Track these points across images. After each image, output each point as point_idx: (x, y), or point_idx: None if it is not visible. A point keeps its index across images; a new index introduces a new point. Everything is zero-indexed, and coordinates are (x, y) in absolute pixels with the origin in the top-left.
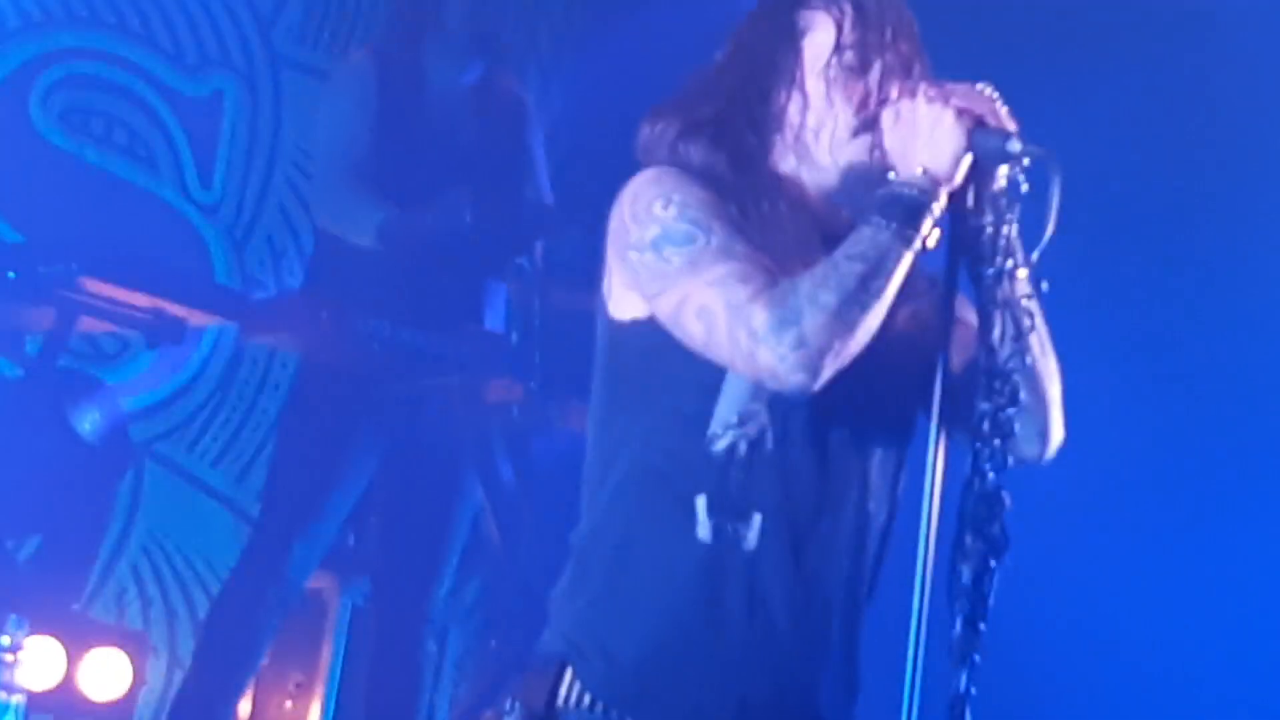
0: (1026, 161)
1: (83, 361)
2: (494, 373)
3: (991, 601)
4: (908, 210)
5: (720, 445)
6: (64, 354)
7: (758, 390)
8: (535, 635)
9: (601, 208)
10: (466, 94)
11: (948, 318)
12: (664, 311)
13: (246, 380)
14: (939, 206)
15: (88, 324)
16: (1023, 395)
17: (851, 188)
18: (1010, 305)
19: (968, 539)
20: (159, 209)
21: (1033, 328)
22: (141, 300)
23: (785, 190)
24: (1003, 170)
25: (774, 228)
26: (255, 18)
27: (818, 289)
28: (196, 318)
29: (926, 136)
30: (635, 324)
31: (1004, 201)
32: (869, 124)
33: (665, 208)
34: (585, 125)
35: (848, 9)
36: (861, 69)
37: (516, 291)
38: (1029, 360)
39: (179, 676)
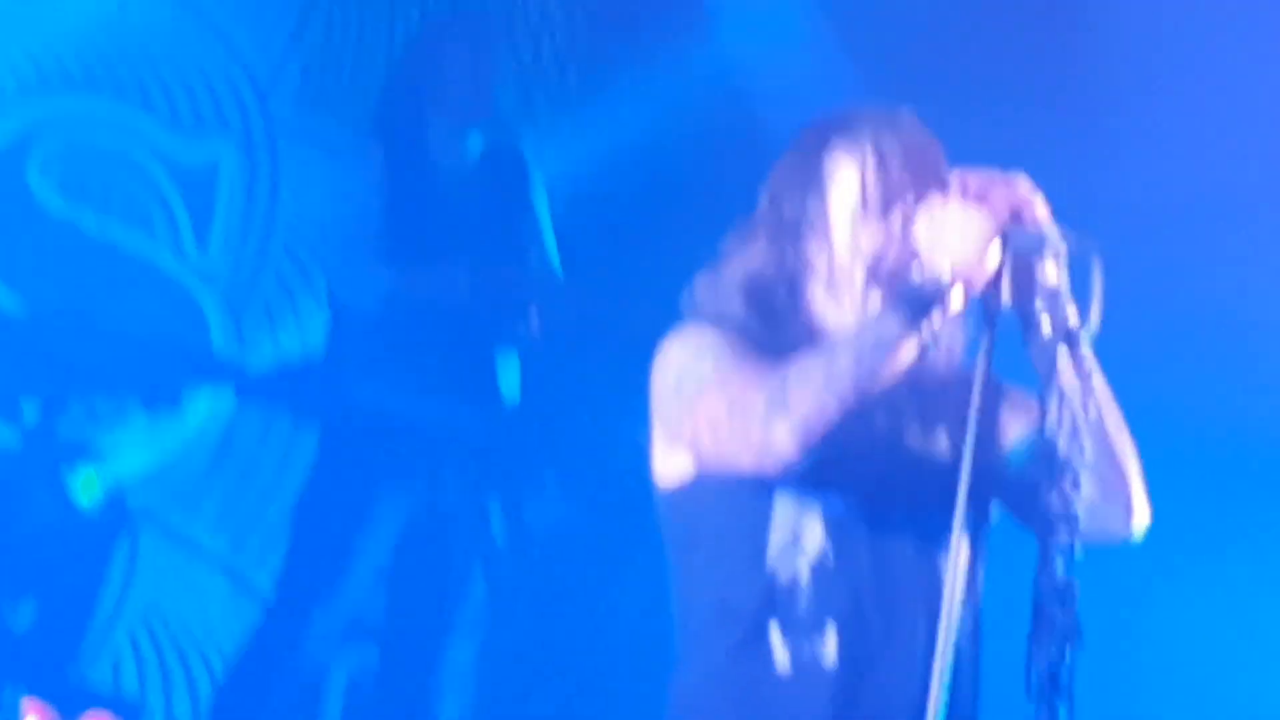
0: (1064, 252)
1: (80, 428)
2: (495, 441)
3: (1073, 691)
4: (917, 303)
5: (783, 573)
6: (61, 420)
7: (807, 511)
8: (529, 695)
9: (596, 271)
10: (471, 161)
11: (982, 405)
12: (686, 446)
13: (244, 446)
14: (956, 301)
15: (86, 391)
16: (1098, 479)
17: None
18: (1064, 395)
19: (1042, 632)
20: (156, 275)
21: (1088, 416)
22: (139, 366)
23: (818, 340)
24: (1049, 266)
25: None
26: (253, 84)
27: (808, 365)
28: (193, 384)
29: (956, 233)
30: (679, 481)
31: (1050, 294)
32: (884, 274)
33: (684, 350)
34: (581, 189)
35: (869, 148)
36: (887, 209)
37: (521, 360)
38: (1102, 442)
39: None
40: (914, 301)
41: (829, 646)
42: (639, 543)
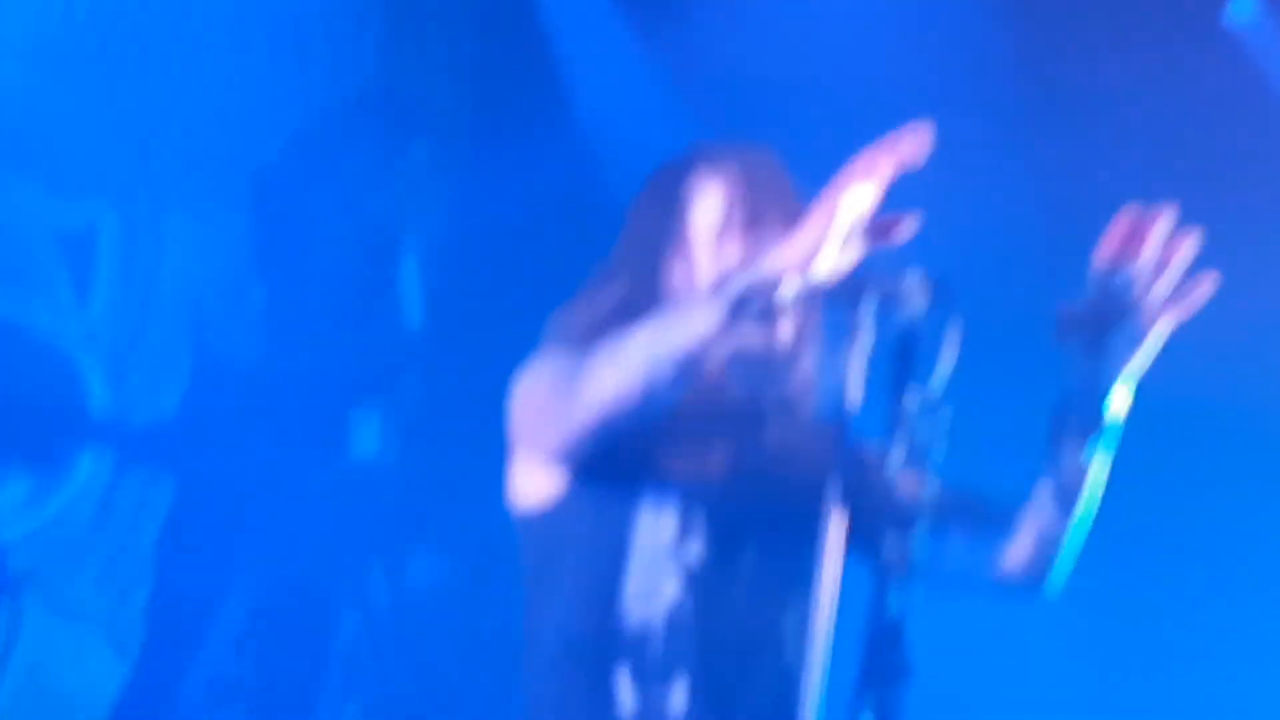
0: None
1: None
2: (373, 500)
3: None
4: (742, 297)
5: (635, 618)
6: None
7: (666, 561)
8: None
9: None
10: (341, 217)
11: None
12: (517, 440)
13: (126, 506)
14: (781, 296)
15: None
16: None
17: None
18: (912, 434)
19: (873, 666)
20: (34, 334)
21: (930, 456)
22: (17, 427)
23: None
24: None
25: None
26: (133, 144)
27: (611, 341)
28: (74, 444)
29: (796, 244)
30: (540, 508)
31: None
32: None
33: (531, 369)
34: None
35: (733, 171)
36: (751, 228)
37: (398, 420)
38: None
39: None
40: (735, 289)
41: (678, 696)
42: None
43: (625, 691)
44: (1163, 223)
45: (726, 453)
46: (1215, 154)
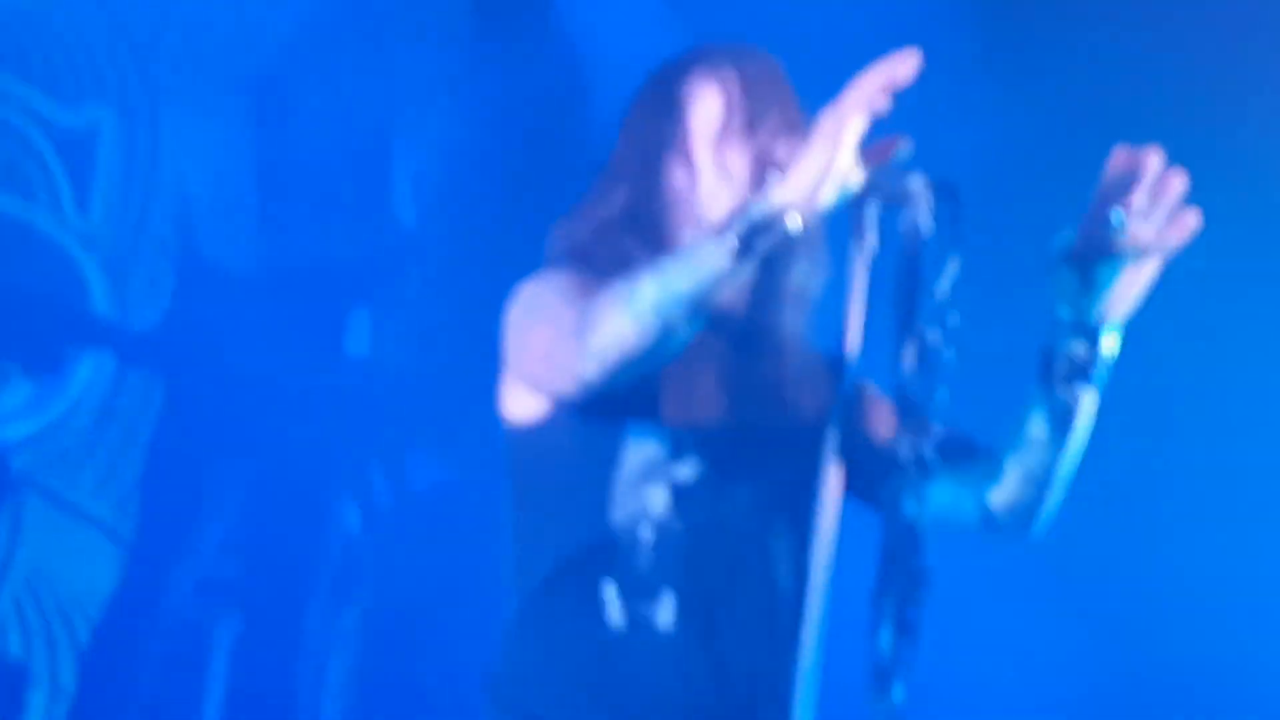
0: (924, 197)
1: None
2: (372, 402)
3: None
4: (752, 232)
5: (622, 534)
6: None
7: (653, 469)
8: (413, 662)
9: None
10: (338, 121)
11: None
12: (517, 374)
13: (127, 410)
14: (791, 228)
15: None
16: (1011, 472)
17: None
18: (922, 339)
19: (891, 574)
20: (35, 238)
21: (944, 358)
22: (19, 329)
23: None
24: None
25: None
26: (131, 48)
27: (619, 282)
28: (75, 347)
29: (808, 163)
30: (527, 422)
31: (909, 238)
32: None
33: (532, 289)
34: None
35: (731, 74)
36: (751, 131)
37: (402, 320)
38: (1053, 443)
39: (62, 707)
40: (752, 224)
41: (665, 611)
42: None
43: (613, 606)
44: (1155, 160)
45: (723, 374)
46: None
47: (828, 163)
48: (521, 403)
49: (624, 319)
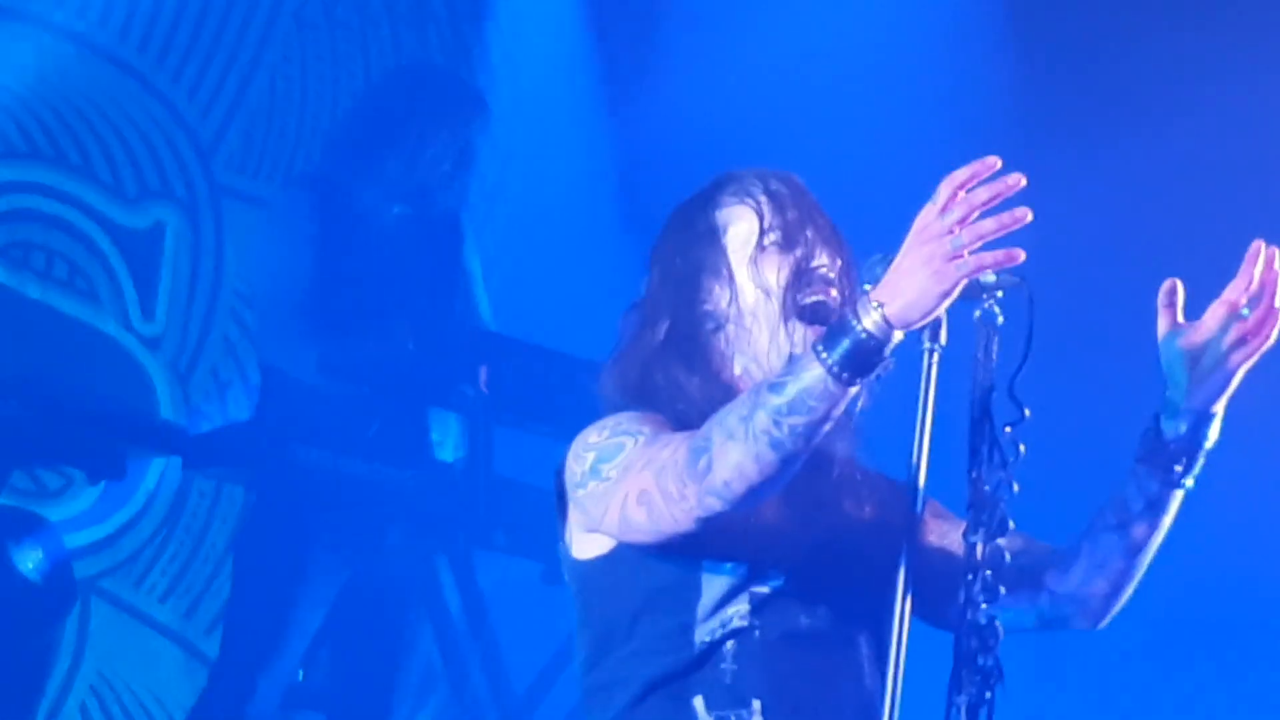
0: (1000, 294)
1: (25, 498)
2: (441, 502)
3: None
4: (856, 354)
5: (708, 647)
6: (6, 491)
7: (734, 590)
8: None
9: (552, 335)
10: (401, 217)
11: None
12: (613, 525)
13: (194, 513)
14: (889, 349)
15: (31, 461)
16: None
17: None
18: (995, 436)
19: (963, 673)
20: (102, 343)
21: (1017, 457)
22: (85, 435)
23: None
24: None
25: None
26: (195, 148)
27: (728, 416)
28: (140, 452)
29: (908, 278)
30: (600, 560)
31: (983, 333)
32: (805, 309)
33: (600, 434)
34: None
35: (762, 196)
36: (788, 245)
37: (463, 419)
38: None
39: None
40: (855, 350)
41: (756, 718)
42: None
43: (703, 714)
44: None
45: (791, 497)
46: None
47: (928, 269)
48: (592, 545)
49: (742, 452)
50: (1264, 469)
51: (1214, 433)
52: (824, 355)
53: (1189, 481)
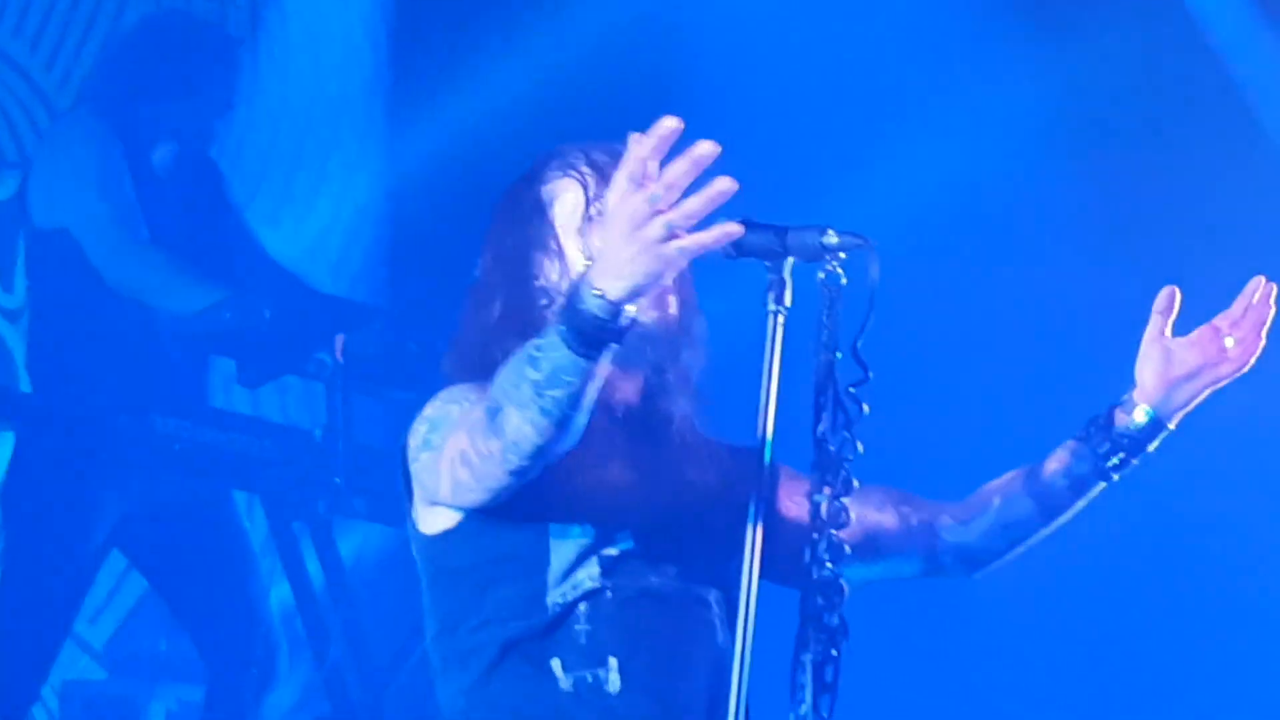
0: (843, 255)
1: None
2: (299, 471)
3: (838, 690)
4: (588, 333)
5: (562, 610)
6: None
7: (583, 553)
8: None
9: (410, 300)
10: (178, 157)
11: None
12: (447, 493)
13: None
14: (623, 320)
15: None
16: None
17: None
18: (839, 397)
19: (810, 631)
20: None
21: (861, 417)
22: None
23: None
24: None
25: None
26: (52, 118)
27: (504, 380)
28: None
29: (633, 260)
30: (447, 533)
31: (826, 295)
32: None
33: (433, 407)
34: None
35: (585, 167)
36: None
37: (321, 387)
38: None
39: None
40: (586, 328)
41: (613, 675)
42: None
43: (562, 678)
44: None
45: (631, 463)
46: None
47: (646, 253)
48: (439, 519)
49: (520, 417)
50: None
51: (1158, 442)
52: (563, 333)
53: (1116, 477)
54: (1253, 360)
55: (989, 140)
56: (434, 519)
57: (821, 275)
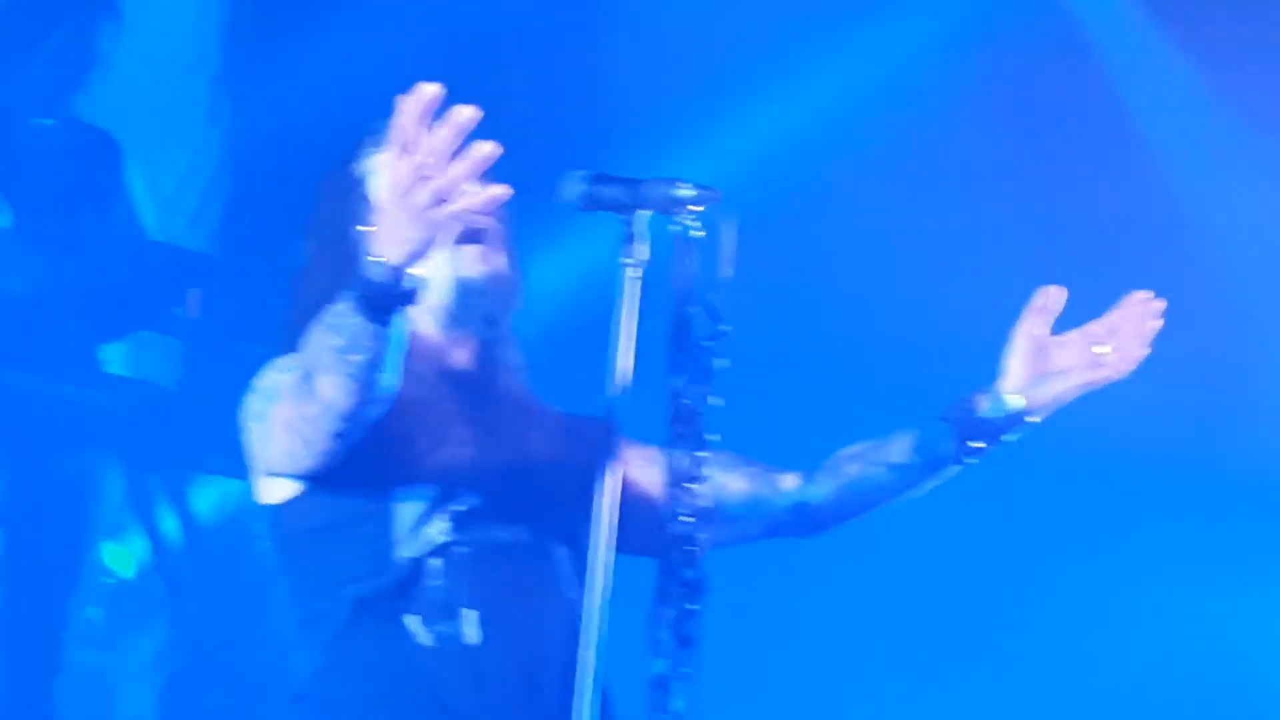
0: (696, 208)
1: None
2: (154, 426)
3: (698, 644)
4: (374, 299)
5: (415, 565)
6: None
7: (430, 510)
8: (211, 687)
9: (269, 253)
10: (48, 129)
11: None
12: (282, 461)
13: None
14: (405, 283)
15: None
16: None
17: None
18: (694, 349)
19: (668, 585)
20: None
21: (714, 372)
22: None
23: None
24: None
25: (415, 380)
26: None
27: (310, 346)
28: None
29: (406, 227)
30: (292, 502)
31: (680, 248)
32: (460, 233)
33: (261, 379)
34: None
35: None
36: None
37: (177, 342)
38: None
39: None
40: (362, 293)
41: (470, 627)
42: None
43: (419, 633)
44: (1156, 308)
45: (467, 424)
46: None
47: (416, 220)
48: (279, 489)
49: (329, 382)
50: None
51: (1016, 434)
52: (353, 299)
53: (969, 461)
54: (1132, 368)
55: (852, 106)
56: (275, 488)
57: (674, 229)
